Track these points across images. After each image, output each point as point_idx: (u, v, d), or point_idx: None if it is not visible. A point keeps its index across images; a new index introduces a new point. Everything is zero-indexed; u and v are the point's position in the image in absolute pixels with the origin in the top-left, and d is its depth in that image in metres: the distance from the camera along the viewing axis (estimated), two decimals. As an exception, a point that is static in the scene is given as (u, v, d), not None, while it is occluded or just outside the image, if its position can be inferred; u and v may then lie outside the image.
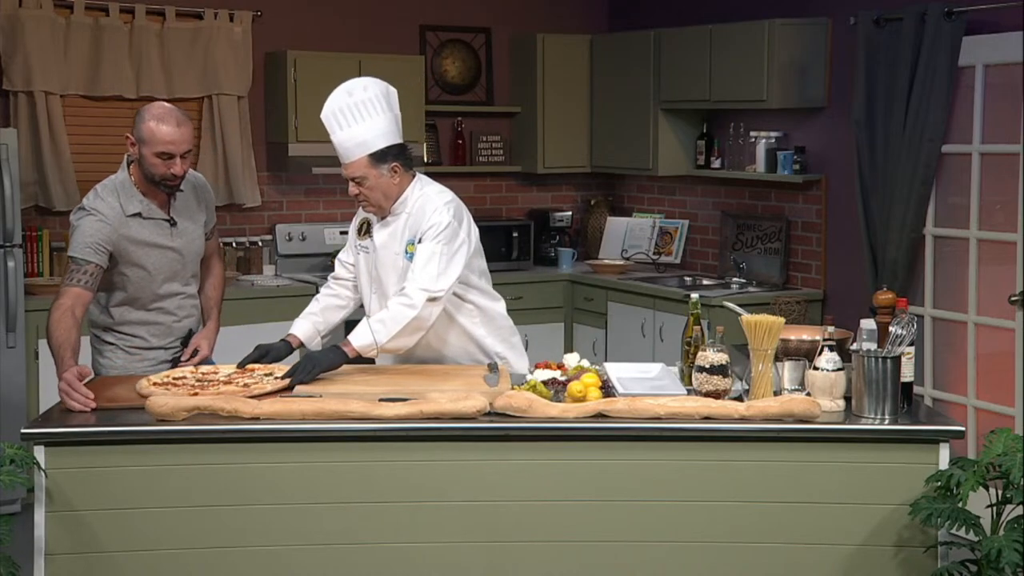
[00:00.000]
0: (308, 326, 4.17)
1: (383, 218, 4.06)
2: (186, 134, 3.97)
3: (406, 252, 3.99)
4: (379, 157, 3.93)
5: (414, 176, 4.07)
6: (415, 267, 3.89)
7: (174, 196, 4.11)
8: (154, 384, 3.74)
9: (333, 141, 3.98)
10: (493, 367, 3.99)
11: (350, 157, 3.94)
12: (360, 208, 4.13)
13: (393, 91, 4.05)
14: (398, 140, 3.98)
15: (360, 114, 3.94)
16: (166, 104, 4.07)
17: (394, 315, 3.85)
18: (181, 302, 4.23)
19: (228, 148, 6.74)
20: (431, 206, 3.97)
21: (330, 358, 3.86)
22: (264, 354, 4.03)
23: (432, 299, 3.85)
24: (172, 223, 4.12)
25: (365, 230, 4.14)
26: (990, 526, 3.43)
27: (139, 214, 4.03)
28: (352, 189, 4.00)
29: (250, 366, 3.99)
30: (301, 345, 4.16)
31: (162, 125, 3.92)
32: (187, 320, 4.27)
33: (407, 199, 4.02)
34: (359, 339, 3.86)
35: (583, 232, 7.84)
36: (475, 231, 4.10)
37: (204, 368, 3.98)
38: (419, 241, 3.93)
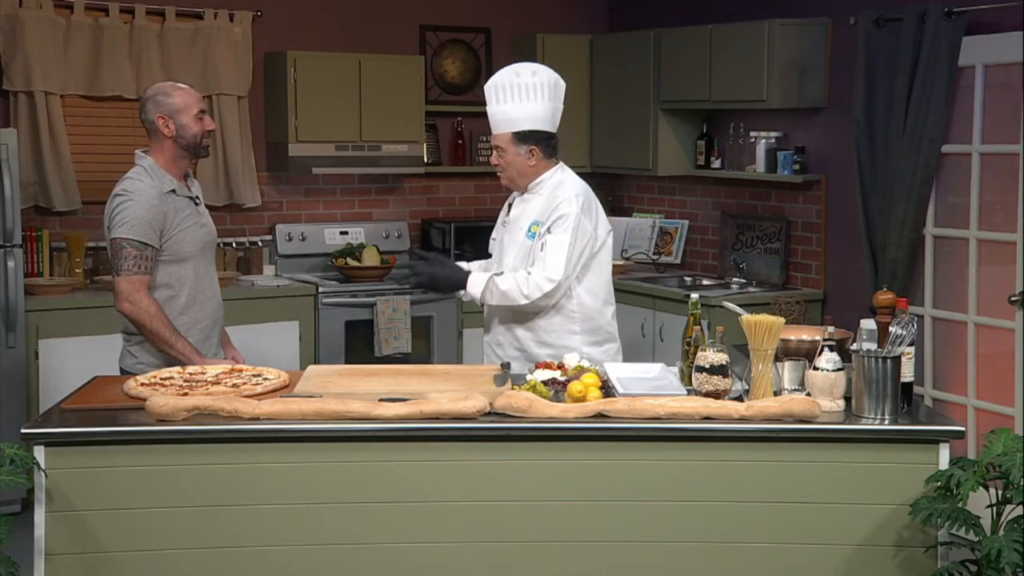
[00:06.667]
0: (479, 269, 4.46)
1: (521, 195, 4.36)
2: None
3: (529, 231, 4.25)
4: (521, 137, 4.24)
5: (556, 163, 4.34)
6: (544, 256, 4.16)
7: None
8: (141, 384, 3.74)
9: (488, 111, 4.30)
10: (506, 366, 4.01)
11: (497, 129, 4.30)
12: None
13: (562, 84, 4.33)
14: (546, 128, 4.27)
15: (517, 95, 4.22)
16: (166, 81, 4.49)
17: (508, 291, 4.17)
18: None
19: (228, 148, 6.74)
20: (562, 194, 4.25)
21: (450, 284, 4.28)
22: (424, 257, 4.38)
23: (551, 289, 4.15)
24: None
25: (509, 208, 4.43)
26: (990, 526, 3.43)
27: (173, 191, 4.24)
28: (493, 159, 4.38)
29: (238, 366, 4.03)
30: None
31: (185, 91, 4.24)
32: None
33: (544, 182, 4.31)
34: (474, 287, 4.22)
35: (583, 232, 7.84)
36: (605, 226, 4.36)
37: (191, 368, 3.98)
38: (548, 231, 4.18)
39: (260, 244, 7.01)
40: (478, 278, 4.23)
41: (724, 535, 3.51)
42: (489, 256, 4.54)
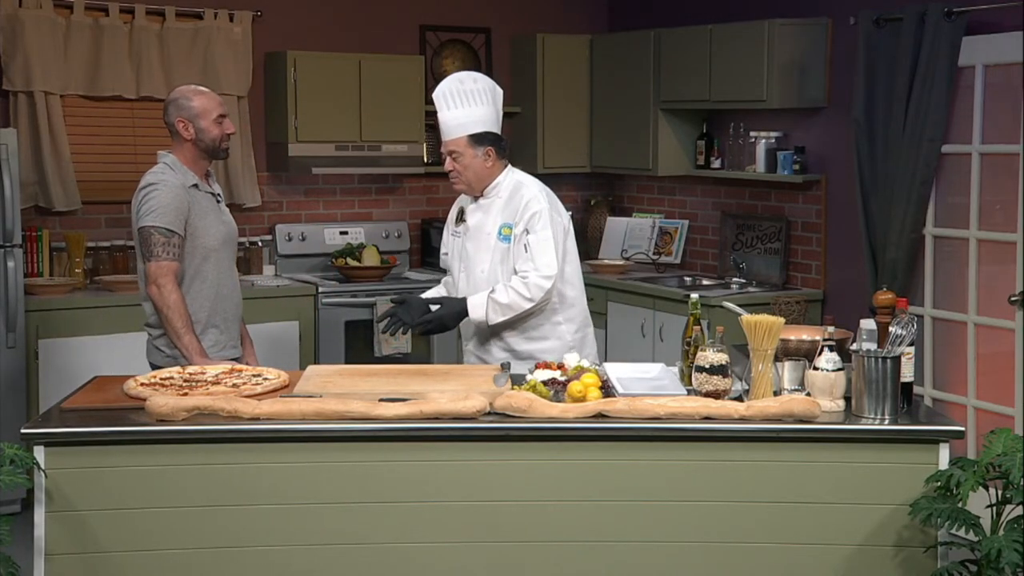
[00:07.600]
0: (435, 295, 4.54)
1: (475, 200, 4.40)
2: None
3: (500, 234, 4.32)
4: (477, 139, 4.32)
5: (506, 165, 4.42)
6: (532, 256, 4.24)
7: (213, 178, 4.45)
8: (141, 384, 3.74)
9: (439, 119, 4.38)
10: (506, 366, 4.01)
11: (452, 135, 4.34)
12: (459, 196, 4.50)
13: (499, 91, 4.43)
14: (495, 130, 4.36)
15: (466, 100, 4.33)
16: (189, 85, 4.48)
17: (512, 303, 4.23)
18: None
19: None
20: (527, 193, 4.33)
21: (455, 317, 4.30)
22: (402, 302, 4.36)
23: (549, 287, 4.25)
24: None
25: (460, 217, 4.48)
26: (990, 526, 3.43)
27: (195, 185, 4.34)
28: (448, 165, 4.38)
29: (237, 366, 4.04)
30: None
31: (206, 95, 4.35)
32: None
33: (500, 184, 4.38)
34: (476, 313, 4.27)
35: (583, 232, 7.84)
36: (566, 215, 4.44)
37: (191, 368, 3.99)
38: (527, 232, 4.25)
39: (260, 244, 7.01)
40: (476, 301, 4.27)
41: (724, 535, 3.51)
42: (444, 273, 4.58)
